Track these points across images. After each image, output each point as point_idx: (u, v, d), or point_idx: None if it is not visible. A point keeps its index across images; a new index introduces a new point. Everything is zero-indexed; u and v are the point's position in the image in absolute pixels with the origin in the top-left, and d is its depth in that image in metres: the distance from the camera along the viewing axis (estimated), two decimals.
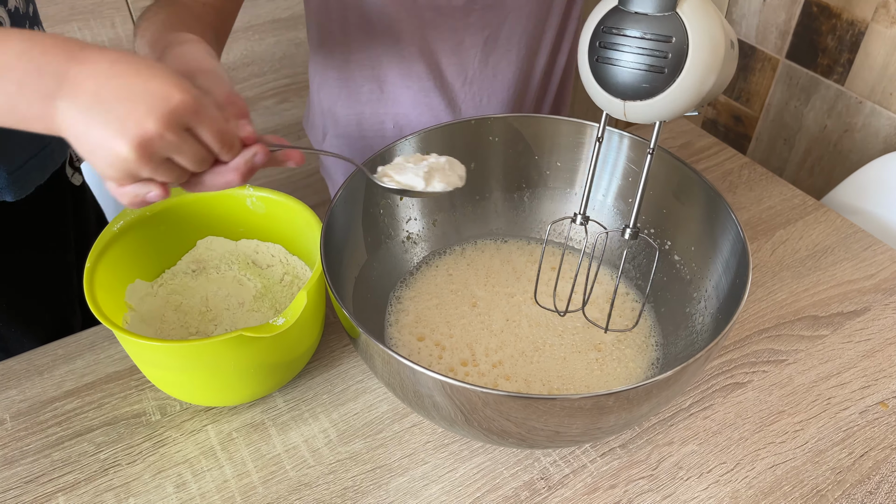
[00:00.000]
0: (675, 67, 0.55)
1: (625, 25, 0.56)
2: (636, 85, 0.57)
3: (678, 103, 0.57)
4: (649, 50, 0.56)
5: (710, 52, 0.56)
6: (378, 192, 0.77)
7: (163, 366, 0.65)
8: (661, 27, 0.55)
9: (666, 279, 0.77)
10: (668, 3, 0.55)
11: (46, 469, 0.69)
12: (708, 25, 0.55)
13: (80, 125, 0.46)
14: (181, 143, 0.48)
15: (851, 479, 0.68)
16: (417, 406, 0.62)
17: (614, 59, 0.57)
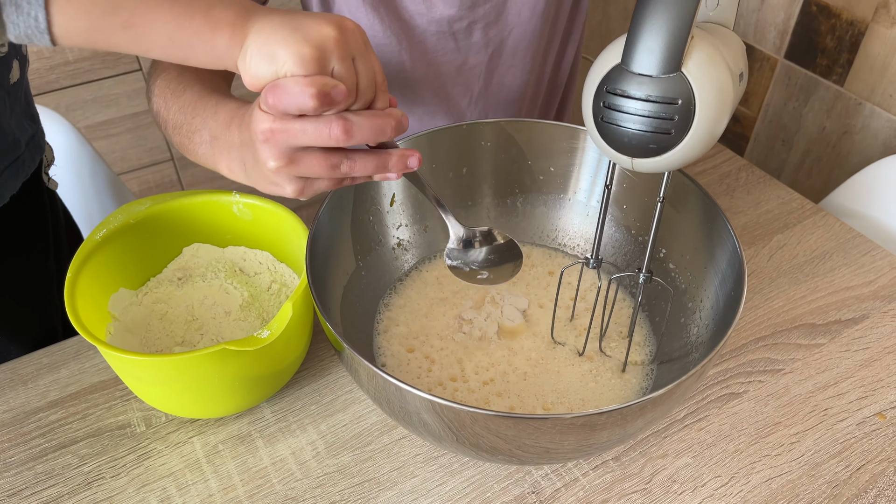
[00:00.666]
0: (683, 128, 0.53)
1: (628, 87, 0.53)
2: (643, 146, 0.55)
3: (689, 156, 0.55)
4: (654, 112, 0.53)
5: (718, 107, 0.53)
6: (368, 199, 0.76)
7: (146, 379, 0.64)
8: (665, 89, 0.52)
9: (660, 288, 0.75)
10: (672, 64, 0.52)
11: (30, 482, 0.67)
12: (716, 80, 0.53)
13: (273, 27, 0.48)
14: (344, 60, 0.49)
15: (848, 493, 0.66)
16: (405, 422, 0.61)
17: (619, 119, 0.54)
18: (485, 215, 0.83)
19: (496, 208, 0.83)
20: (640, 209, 0.77)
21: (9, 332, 0.86)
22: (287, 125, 0.49)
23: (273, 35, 0.48)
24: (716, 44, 0.54)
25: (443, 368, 0.72)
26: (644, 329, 0.75)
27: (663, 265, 0.75)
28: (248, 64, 0.49)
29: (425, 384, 0.70)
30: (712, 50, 0.53)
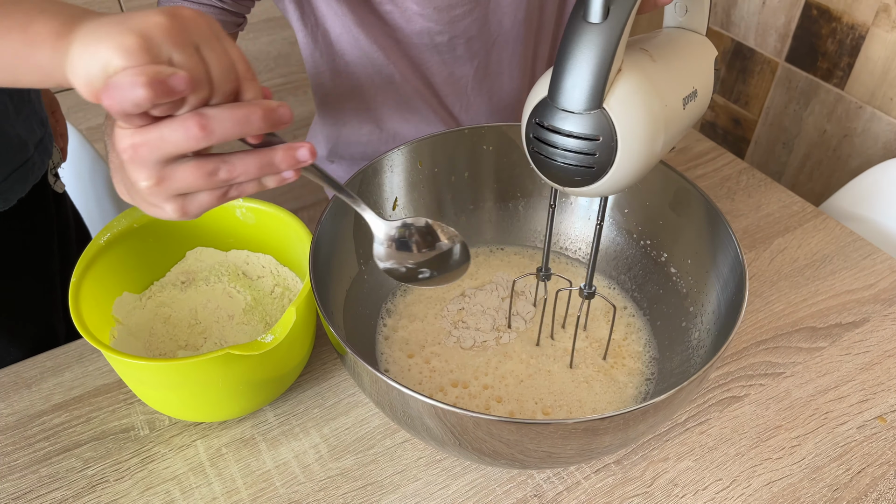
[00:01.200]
0: (605, 163, 0.52)
1: (552, 121, 0.52)
2: (568, 178, 0.54)
3: (617, 187, 0.55)
4: (577, 147, 0.52)
5: (643, 142, 0.53)
6: (370, 203, 0.76)
7: (149, 383, 0.64)
8: (586, 125, 0.51)
9: (662, 292, 0.76)
10: (594, 101, 0.51)
11: (34, 485, 0.68)
12: (640, 117, 0.52)
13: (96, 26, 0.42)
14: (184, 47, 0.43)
15: (848, 496, 0.67)
16: (408, 426, 0.61)
17: (545, 151, 0.54)
18: (486, 219, 0.83)
19: (497, 212, 0.83)
20: (642, 213, 0.78)
21: (9, 334, 0.86)
22: (146, 136, 0.44)
23: (95, 34, 0.42)
24: (648, 76, 0.53)
25: (443, 375, 0.72)
26: (645, 334, 0.76)
27: (665, 269, 0.76)
28: (75, 72, 0.43)
29: (427, 389, 0.71)
30: (639, 85, 0.52)
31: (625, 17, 0.49)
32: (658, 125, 0.53)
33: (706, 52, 0.63)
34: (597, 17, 0.49)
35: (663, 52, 0.57)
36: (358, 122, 0.95)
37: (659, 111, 0.53)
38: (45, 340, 0.91)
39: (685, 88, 0.57)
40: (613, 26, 0.49)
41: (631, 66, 0.52)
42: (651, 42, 0.58)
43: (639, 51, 0.55)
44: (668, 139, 0.56)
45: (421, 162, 0.77)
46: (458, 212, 0.82)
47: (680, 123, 0.57)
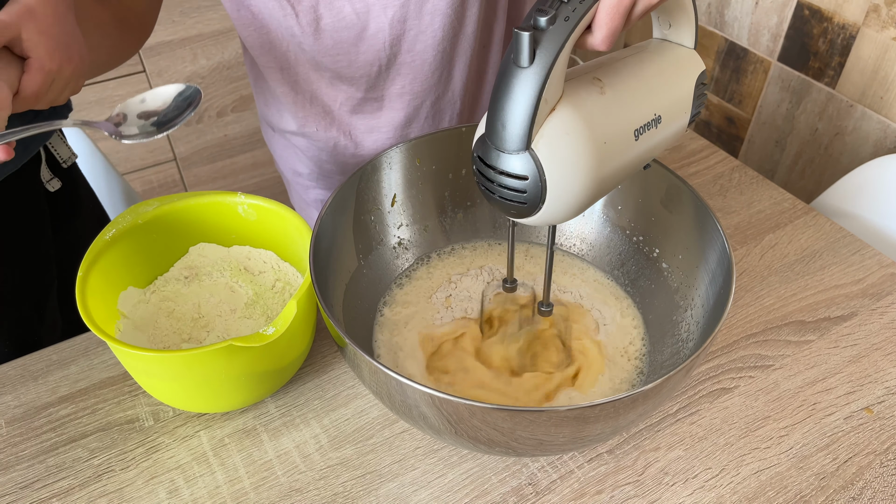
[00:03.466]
0: (536, 200, 0.54)
1: (487, 158, 0.54)
2: (505, 210, 0.56)
3: (554, 219, 0.56)
4: (507, 184, 0.53)
5: (573, 182, 0.54)
6: (369, 199, 0.78)
7: (155, 374, 0.66)
8: (515, 166, 0.52)
9: (654, 286, 0.77)
10: (521, 143, 0.52)
11: (41, 475, 0.69)
12: (568, 158, 0.53)
13: None
14: None
15: (835, 484, 0.69)
16: (405, 415, 0.63)
17: (484, 183, 0.55)
18: (482, 215, 0.85)
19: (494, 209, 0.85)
20: (635, 210, 0.79)
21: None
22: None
23: None
24: (586, 114, 0.54)
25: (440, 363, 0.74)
26: (639, 327, 0.78)
27: (657, 265, 0.78)
28: None
29: (423, 379, 0.72)
30: (571, 126, 0.53)
31: (549, 62, 0.49)
32: (591, 163, 0.54)
33: (688, 68, 0.63)
34: (524, 62, 0.49)
35: (621, 81, 0.58)
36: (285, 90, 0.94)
37: (593, 150, 0.54)
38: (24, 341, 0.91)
39: (640, 119, 0.58)
40: (538, 71, 0.49)
41: (570, 104, 0.53)
42: (611, 67, 0.59)
43: (591, 82, 0.56)
44: (613, 172, 0.57)
45: (419, 159, 0.79)
46: (456, 208, 0.84)
47: (634, 154, 0.58)
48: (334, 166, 0.99)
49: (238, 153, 2.02)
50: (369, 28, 0.82)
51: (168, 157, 1.92)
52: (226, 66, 1.84)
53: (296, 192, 1.10)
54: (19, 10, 0.59)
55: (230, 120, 1.93)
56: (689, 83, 0.63)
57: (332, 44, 0.83)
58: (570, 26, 0.49)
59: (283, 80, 0.90)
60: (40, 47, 0.61)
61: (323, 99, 0.91)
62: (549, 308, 0.69)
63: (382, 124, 0.93)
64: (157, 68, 1.75)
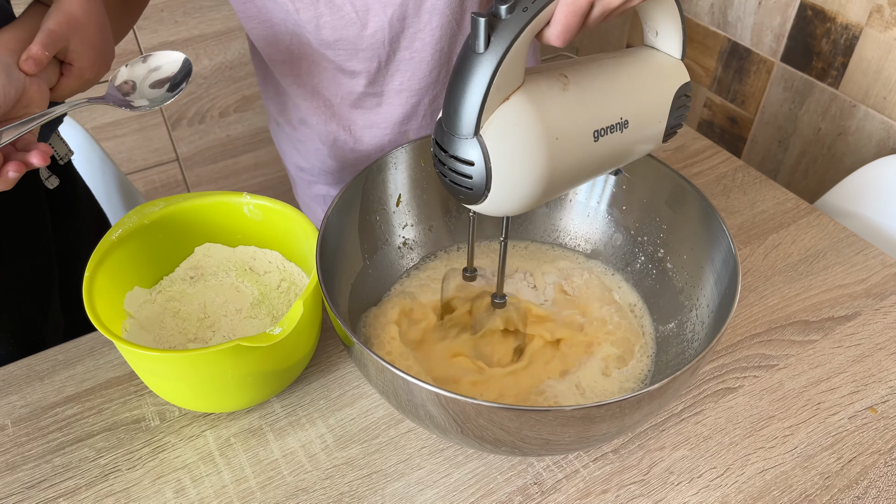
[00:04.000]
0: (481, 187, 0.54)
1: (441, 140, 0.55)
2: (455, 195, 0.57)
3: (501, 209, 0.57)
4: (456, 168, 0.55)
5: (521, 173, 0.54)
6: (375, 199, 0.78)
7: (161, 374, 0.66)
8: (463, 150, 0.53)
9: (658, 286, 0.78)
10: (469, 127, 0.52)
11: (48, 474, 0.70)
12: (516, 148, 0.53)
13: None
14: None
15: (839, 483, 0.69)
16: (412, 415, 0.63)
17: (438, 167, 0.56)
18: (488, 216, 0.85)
19: None
20: (640, 210, 0.80)
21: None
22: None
23: None
24: (541, 107, 0.54)
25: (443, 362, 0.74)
26: (644, 326, 0.78)
27: (662, 265, 0.78)
28: None
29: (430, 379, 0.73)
30: (523, 116, 0.53)
31: (504, 49, 0.50)
32: (540, 158, 0.54)
33: (669, 78, 0.63)
34: (480, 48, 0.50)
35: (589, 80, 0.58)
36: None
37: (543, 144, 0.54)
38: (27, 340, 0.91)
39: (602, 120, 0.58)
40: (492, 57, 0.50)
41: (526, 95, 0.53)
42: (583, 67, 0.59)
43: (556, 77, 0.56)
44: (567, 170, 0.57)
45: (424, 160, 0.79)
46: (460, 208, 0.84)
47: (592, 155, 0.58)
48: (335, 161, 1.00)
49: (240, 153, 2.02)
50: (369, 26, 0.83)
51: (171, 157, 1.92)
52: (228, 67, 1.84)
53: (300, 187, 1.11)
54: (68, 21, 0.64)
55: (232, 120, 1.93)
56: (668, 93, 0.63)
57: (333, 40, 0.85)
58: (527, 17, 0.50)
59: (287, 73, 0.92)
60: (84, 59, 0.67)
61: (324, 93, 0.93)
62: (502, 300, 0.70)
63: (381, 120, 0.94)
64: None
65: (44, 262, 0.92)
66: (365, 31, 0.84)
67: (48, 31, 0.63)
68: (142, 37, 1.68)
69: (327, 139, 0.97)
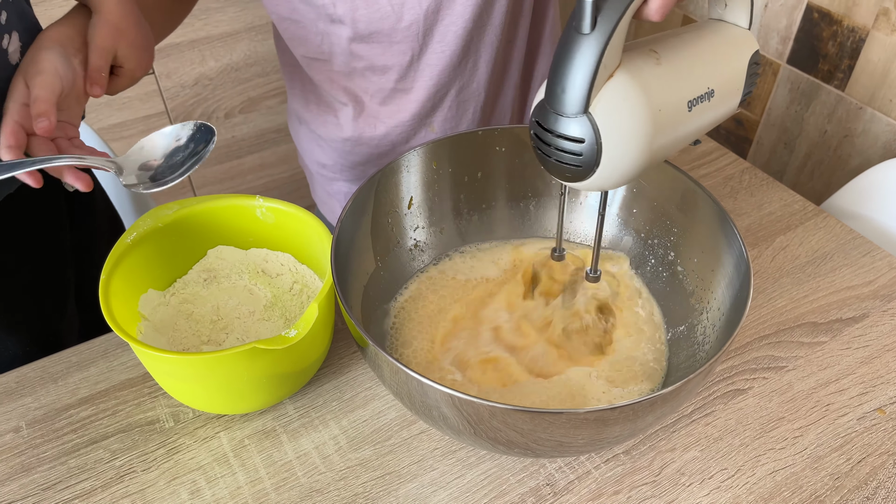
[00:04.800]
0: (591, 163, 0.56)
1: (545, 122, 0.56)
2: (560, 173, 0.58)
3: (609, 183, 0.58)
4: (564, 147, 0.56)
5: (629, 146, 0.55)
6: (387, 202, 0.79)
7: (177, 376, 0.67)
8: (573, 128, 0.55)
9: (669, 289, 0.78)
10: (579, 106, 0.54)
11: (63, 476, 0.70)
12: (624, 122, 0.55)
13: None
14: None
15: (849, 484, 0.69)
16: (425, 416, 0.63)
17: (542, 148, 0.57)
18: (498, 218, 0.86)
19: (510, 210, 0.86)
20: (650, 213, 0.80)
21: (5, 327, 0.88)
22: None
23: None
24: (642, 81, 0.55)
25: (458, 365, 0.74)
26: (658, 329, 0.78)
27: (672, 268, 0.78)
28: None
29: (444, 381, 0.73)
30: (628, 91, 0.55)
31: (610, 28, 0.51)
32: (646, 129, 0.56)
33: (741, 47, 0.65)
34: (586, 28, 0.52)
35: (676, 53, 0.60)
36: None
37: (649, 116, 0.55)
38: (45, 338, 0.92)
39: (694, 91, 0.60)
40: (599, 37, 0.51)
41: (627, 71, 0.55)
42: (667, 42, 0.60)
43: (647, 52, 0.58)
44: (667, 141, 0.58)
45: (436, 162, 0.80)
46: (472, 210, 0.84)
47: (687, 125, 0.60)
48: (358, 157, 1.01)
49: (245, 154, 2.02)
50: (404, 19, 0.85)
51: None
52: (234, 68, 1.85)
53: (319, 184, 1.11)
54: (112, 32, 0.71)
55: (238, 121, 1.94)
56: (743, 61, 0.65)
57: (368, 34, 0.86)
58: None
59: (318, 71, 0.93)
60: (132, 60, 0.73)
61: (354, 90, 0.94)
62: (596, 275, 0.70)
63: (408, 113, 0.95)
64: (166, 70, 1.76)
65: (61, 262, 0.93)
66: (400, 23, 0.85)
67: (98, 48, 0.70)
68: None
69: (353, 135, 0.98)
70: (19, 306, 0.88)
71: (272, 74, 1.90)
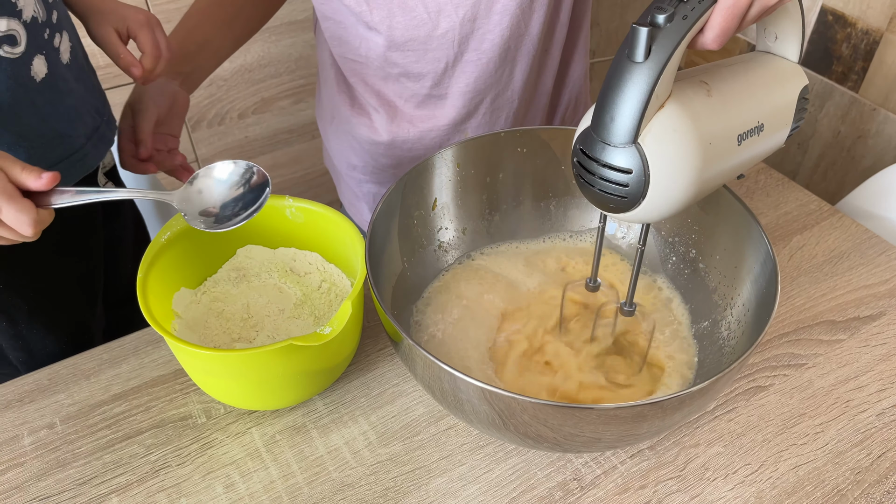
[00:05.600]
0: (637, 195, 0.55)
1: (591, 150, 0.55)
2: (604, 204, 0.57)
3: (652, 216, 0.57)
4: (610, 177, 0.55)
5: (677, 179, 0.55)
6: (413, 203, 0.80)
7: (213, 372, 0.68)
8: (620, 159, 0.54)
9: (691, 286, 0.79)
10: (629, 136, 0.53)
11: (99, 471, 0.72)
12: (673, 155, 0.54)
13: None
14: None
15: (870, 479, 0.70)
16: (456, 409, 0.65)
17: (585, 177, 0.57)
18: (521, 218, 0.87)
19: (531, 211, 0.87)
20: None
21: (42, 325, 0.89)
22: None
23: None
24: (693, 113, 0.55)
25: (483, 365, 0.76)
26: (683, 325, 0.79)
27: (694, 265, 0.80)
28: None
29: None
30: (679, 123, 0.54)
31: (665, 58, 0.51)
32: (695, 162, 0.55)
33: (791, 81, 0.64)
34: (639, 57, 0.51)
35: (727, 85, 0.59)
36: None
37: (698, 149, 0.55)
38: (78, 335, 0.94)
39: (744, 124, 0.59)
40: (653, 66, 0.51)
41: (678, 102, 0.54)
42: (718, 73, 0.60)
43: (698, 84, 0.57)
44: (715, 174, 0.58)
45: (459, 164, 0.81)
46: (493, 211, 0.86)
47: (735, 159, 0.60)
48: (390, 160, 1.01)
49: (258, 154, 2.04)
50: (440, 26, 0.86)
51: (190, 158, 1.94)
52: (248, 69, 1.86)
53: (348, 186, 1.12)
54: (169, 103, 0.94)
55: (251, 122, 1.95)
56: (793, 95, 0.64)
57: (404, 41, 0.87)
58: (687, 25, 0.51)
59: (354, 72, 0.95)
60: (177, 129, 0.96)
61: (389, 95, 0.95)
62: (632, 308, 0.70)
63: (442, 120, 0.96)
64: None
65: (93, 260, 0.94)
66: (436, 31, 0.86)
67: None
68: None
69: (386, 138, 0.99)
70: (58, 304, 0.90)
71: (285, 76, 1.91)
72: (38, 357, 0.90)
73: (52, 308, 0.89)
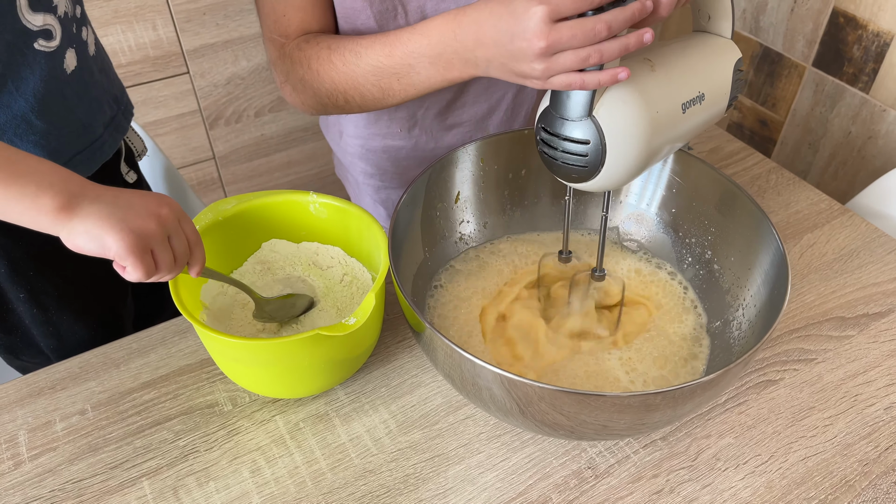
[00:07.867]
0: (597, 163, 0.61)
1: (552, 127, 0.62)
2: (567, 175, 0.64)
3: (611, 183, 0.64)
4: (570, 149, 0.62)
5: (631, 146, 0.61)
6: (436, 195, 0.82)
7: (242, 361, 0.71)
8: (578, 131, 0.61)
9: (706, 286, 0.81)
10: (584, 110, 0.60)
11: (129, 455, 0.74)
12: (626, 124, 0.60)
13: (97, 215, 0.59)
14: (162, 242, 0.63)
15: (877, 470, 0.72)
16: (475, 397, 0.67)
17: (547, 151, 0.63)
18: (540, 213, 0.89)
19: (551, 207, 0.89)
20: (688, 213, 0.83)
21: (72, 312, 0.92)
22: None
23: (96, 222, 0.59)
24: (640, 86, 0.61)
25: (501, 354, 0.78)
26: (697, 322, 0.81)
27: (709, 266, 0.82)
28: (72, 241, 0.59)
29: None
30: (628, 95, 0.60)
31: None
32: (646, 129, 0.61)
33: (726, 55, 0.71)
34: None
35: (668, 60, 0.65)
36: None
37: (647, 117, 0.61)
38: (109, 322, 0.97)
39: (687, 94, 0.65)
40: None
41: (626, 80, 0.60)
42: (659, 51, 0.66)
43: (642, 61, 0.63)
44: (664, 141, 0.64)
45: (483, 159, 0.83)
46: (514, 206, 0.88)
47: (681, 126, 0.65)
48: (412, 162, 1.03)
49: (274, 152, 2.07)
50: None
51: (207, 155, 1.97)
52: (265, 68, 1.89)
53: (365, 193, 1.12)
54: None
55: (267, 120, 1.98)
56: (728, 68, 0.70)
57: None
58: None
59: None
60: None
61: (411, 105, 0.96)
62: (602, 273, 0.76)
63: (464, 121, 0.98)
64: (200, 70, 1.80)
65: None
66: None
67: None
68: (184, 39, 1.72)
69: (407, 144, 1.00)
70: (88, 292, 0.92)
71: None
72: (69, 343, 0.92)
73: (81, 294, 0.92)
